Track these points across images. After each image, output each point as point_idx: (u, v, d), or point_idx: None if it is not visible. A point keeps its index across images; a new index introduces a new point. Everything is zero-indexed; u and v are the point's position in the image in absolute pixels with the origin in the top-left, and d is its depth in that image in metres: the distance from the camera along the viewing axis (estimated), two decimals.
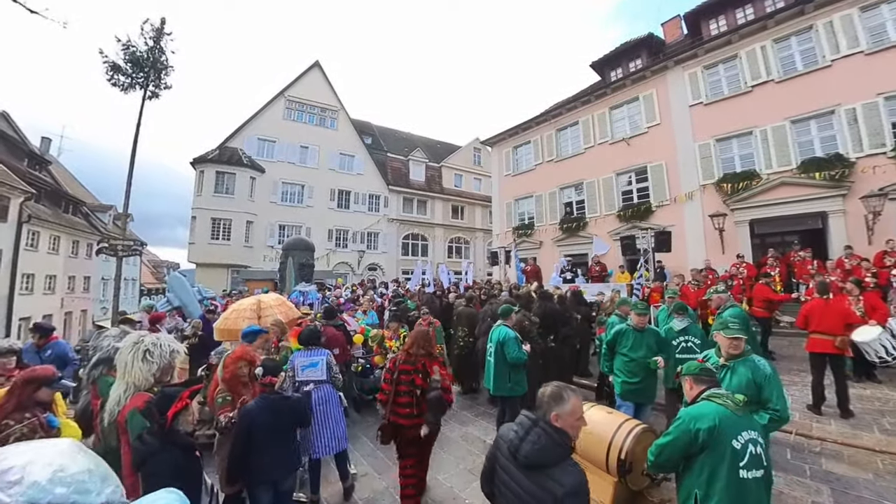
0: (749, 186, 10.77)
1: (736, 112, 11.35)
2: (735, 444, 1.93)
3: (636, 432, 2.58)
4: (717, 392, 2.18)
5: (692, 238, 11.85)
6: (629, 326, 4.12)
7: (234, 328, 4.92)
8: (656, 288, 9.11)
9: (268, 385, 2.64)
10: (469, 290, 9.91)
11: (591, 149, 15.20)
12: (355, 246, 22.61)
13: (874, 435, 4.05)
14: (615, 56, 15.37)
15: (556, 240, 16.10)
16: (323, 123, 22.77)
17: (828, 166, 9.49)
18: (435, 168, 27.28)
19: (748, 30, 11.21)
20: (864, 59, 9.41)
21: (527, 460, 1.59)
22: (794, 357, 6.59)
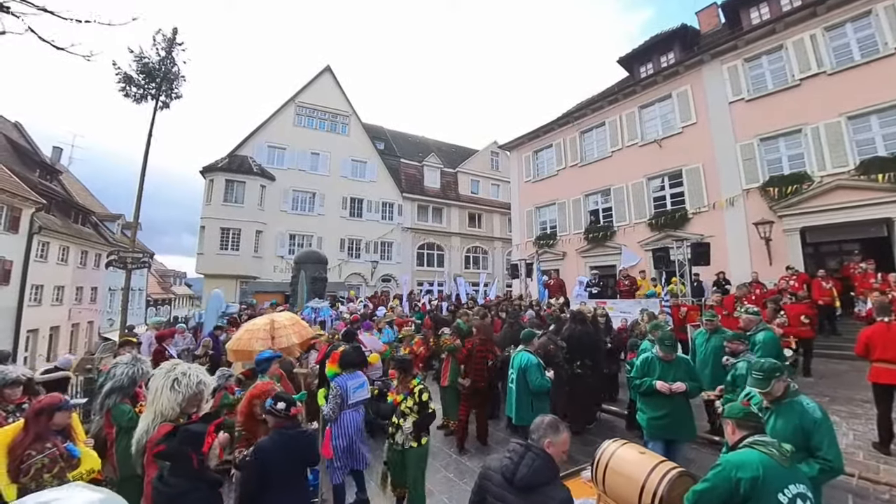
0: (799, 190, 10.43)
1: (783, 108, 11.05)
2: (781, 499, 1.89)
3: (671, 476, 2.52)
4: (761, 439, 2.13)
5: (735, 248, 11.54)
6: (656, 355, 4.05)
7: (246, 349, 5.10)
8: (693, 307, 8.91)
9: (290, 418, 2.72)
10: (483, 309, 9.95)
11: (618, 151, 15.07)
12: (368, 256, 22.93)
13: None
14: (645, 50, 15.24)
15: (581, 251, 15.93)
16: (334, 129, 23.36)
17: (893, 167, 9.10)
18: (450, 174, 27.48)
19: (795, 17, 10.95)
20: None
21: (522, 482, 1.85)
22: (857, 385, 6.29)
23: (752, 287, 9.36)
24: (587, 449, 4.94)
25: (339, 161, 22.97)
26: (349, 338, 5.63)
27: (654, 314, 7.56)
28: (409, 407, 3.57)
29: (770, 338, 4.64)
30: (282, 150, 21.55)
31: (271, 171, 20.56)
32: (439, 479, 4.57)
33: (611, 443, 3.09)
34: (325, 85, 23.28)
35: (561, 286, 13.22)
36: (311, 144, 22.29)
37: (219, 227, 18.82)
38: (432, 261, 25.63)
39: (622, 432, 5.44)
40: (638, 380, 4.07)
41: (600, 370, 5.87)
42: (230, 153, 20.21)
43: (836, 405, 5.91)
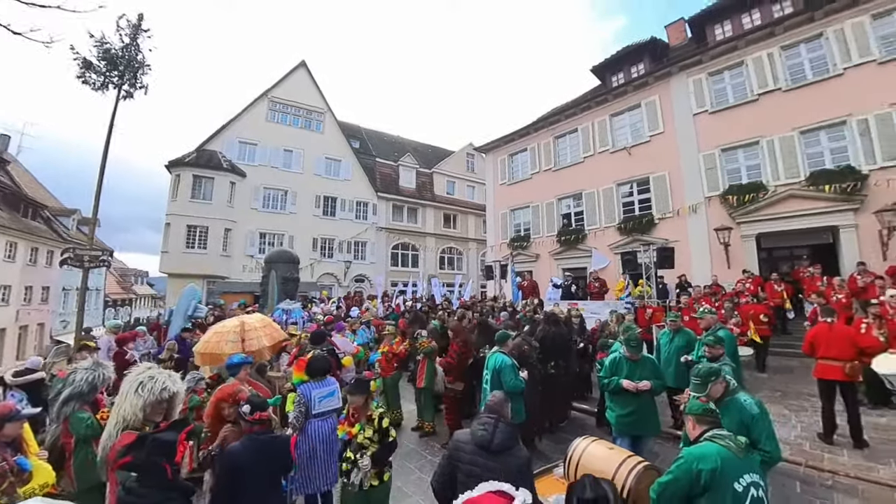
0: (756, 199, 11.08)
1: (742, 121, 11.72)
2: (737, 487, 2.04)
3: (638, 470, 2.66)
4: (719, 433, 2.29)
5: (697, 252, 12.12)
6: (623, 355, 4.23)
7: (215, 352, 4.94)
8: (658, 308, 9.32)
9: (258, 422, 2.66)
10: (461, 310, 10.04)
11: (590, 157, 15.52)
12: (342, 256, 22.58)
13: (891, 468, 4.14)
14: (617, 60, 15.77)
15: (554, 253, 16.30)
16: (308, 126, 22.89)
17: (839, 179, 9.82)
18: (426, 174, 27.49)
19: (755, 36, 11.64)
20: (877, 69, 9.82)
21: (498, 447, 2.31)
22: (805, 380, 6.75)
23: (713, 289, 9.90)
24: (559, 447, 5.09)
25: (313, 159, 22.52)
26: (318, 340, 5.51)
27: (623, 315, 7.88)
28: (368, 438, 2.95)
29: (728, 337, 4.94)
30: (253, 145, 20.91)
31: (242, 168, 19.92)
32: (413, 479, 4.58)
33: (582, 440, 3.22)
34: (299, 80, 22.79)
35: (534, 287, 13.47)
36: (283, 141, 21.75)
37: (185, 225, 18.06)
38: (407, 261, 25.53)
39: (592, 429, 5.62)
40: (606, 379, 4.24)
41: (573, 370, 6.04)
42: (198, 148, 19.44)
43: (787, 399, 6.34)
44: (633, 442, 3.97)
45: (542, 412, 5.46)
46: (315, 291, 17.96)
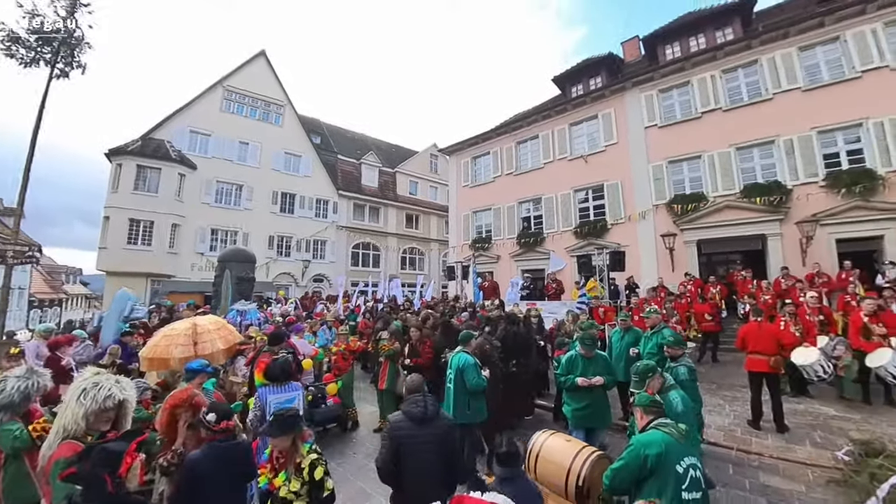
0: (697, 208, 12.04)
1: (687, 136, 12.69)
2: (678, 469, 2.29)
3: (592, 459, 2.86)
4: (663, 422, 2.55)
5: (645, 256, 12.94)
6: (578, 353, 4.48)
7: (164, 357, 4.68)
8: (610, 308, 9.88)
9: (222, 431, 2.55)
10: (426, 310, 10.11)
11: (550, 164, 16.12)
12: (300, 255, 21.88)
13: (806, 448, 4.72)
14: (576, 72, 16.51)
15: (514, 254, 16.75)
16: (266, 118, 21.99)
17: (767, 192, 10.92)
18: (389, 173, 27.29)
19: (700, 59, 12.67)
20: (801, 95, 11.03)
21: (431, 416, 2.81)
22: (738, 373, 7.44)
23: (659, 290, 10.63)
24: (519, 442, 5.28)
25: (271, 153, 21.66)
26: (277, 341, 5.36)
27: (578, 315, 8.27)
28: (294, 492, 2.42)
29: (672, 332, 5.35)
30: (206, 136, 19.77)
31: (192, 159, 18.76)
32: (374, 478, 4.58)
33: (540, 434, 3.40)
34: (258, 70, 21.84)
35: (495, 288, 13.79)
36: (239, 133, 20.74)
37: (127, 219, 16.73)
38: (368, 261, 25.20)
39: (550, 424, 5.86)
40: (563, 376, 4.48)
41: (534, 368, 6.27)
42: (144, 135, 18.09)
43: (722, 391, 6.96)
44: (588, 434, 4.22)
45: (503, 409, 5.63)
46: (271, 292, 17.31)
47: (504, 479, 2.32)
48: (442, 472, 2.74)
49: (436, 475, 2.71)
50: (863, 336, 6.03)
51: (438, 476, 2.72)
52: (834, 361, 6.01)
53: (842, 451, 4.28)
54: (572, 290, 12.38)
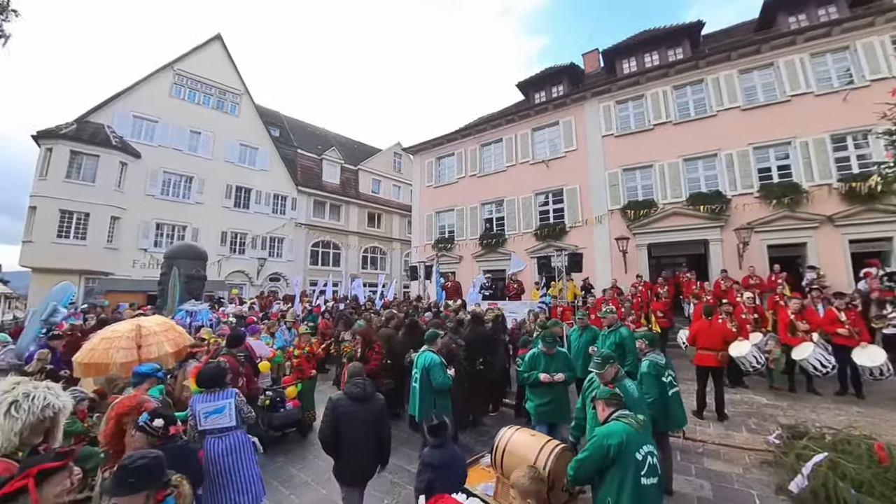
0: (648, 214, 12.79)
1: (640, 146, 13.46)
2: (638, 456, 2.44)
3: (556, 452, 2.95)
4: (623, 413, 2.69)
5: (600, 258, 13.56)
6: (540, 350, 4.64)
7: (102, 362, 4.34)
8: (568, 307, 10.27)
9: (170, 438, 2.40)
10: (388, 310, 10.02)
11: (512, 167, 16.50)
12: (255, 252, 20.92)
13: (742, 434, 5.19)
14: (539, 79, 17.01)
15: (476, 255, 16.98)
16: (221, 107, 20.85)
17: (710, 201, 11.83)
18: (351, 171, 26.77)
19: (653, 74, 13.50)
20: (741, 114, 12.07)
21: (368, 396, 3.36)
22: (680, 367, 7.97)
23: (613, 291, 11.17)
24: (481, 439, 5.39)
25: (225, 144, 20.55)
26: (235, 342, 5.12)
27: (538, 314, 8.53)
28: None
29: (628, 332, 5.65)
30: (152, 122, 18.41)
31: (136, 147, 17.42)
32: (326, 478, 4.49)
33: (506, 429, 3.46)
34: (213, 55, 20.65)
35: (458, 288, 13.89)
36: (190, 121, 19.52)
37: (57, 210, 15.21)
38: (327, 260, 24.56)
39: (512, 420, 6.02)
40: (526, 373, 4.62)
41: (500, 366, 6.40)
42: (80, 118, 16.56)
43: None
44: (550, 428, 4.37)
45: (468, 407, 5.70)
46: (222, 291, 16.44)
47: (434, 447, 2.84)
48: (374, 444, 3.33)
49: (369, 447, 3.30)
50: (790, 332, 6.71)
51: (371, 448, 3.32)
52: (766, 355, 6.62)
53: (772, 435, 4.76)
54: (532, 290, 12.75)
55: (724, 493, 3.96)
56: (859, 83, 10.67)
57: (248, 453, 3.31)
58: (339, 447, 3.25)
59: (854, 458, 3.75)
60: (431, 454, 2.80)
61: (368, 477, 3.39)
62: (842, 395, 6.40)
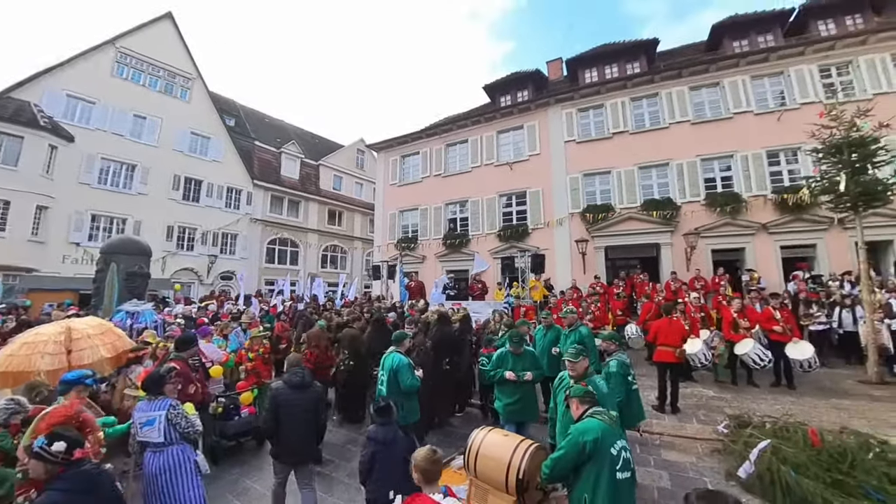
0: (606, 218, 13.37)
1: (600, 153, 14.06)
2: (612, 452, 2.49)
3: (531, 451, 2.96)
4: (598, 410, 2.73)
5: (561, 259, 13.98)
6: (508, 350, 4.65)
7: (24, 370, 3.85)
8: (531, 307, 10.48)
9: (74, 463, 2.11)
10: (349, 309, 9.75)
11: (477, 168, 16.65)
12: (205, 249, 19.65)
13: (694, 425, 5.50)
14: (506, 83, 17.30)
15: (439, 255, 16.95)
16: (170, 91, 19.37)
17: (662, 207, 12.58)
18: (311, 166, 25.88)
19: (612, 86, 14.17)
20: (690, 127, 12.95)
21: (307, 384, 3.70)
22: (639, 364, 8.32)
23: (573, 291, 11.54)
24: (447, 440, 5.34)
25: (174, 131, 19.13)
26: (185, 346, 4.70)
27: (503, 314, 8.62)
28: None
29: (587, 331, 5.79)
30: (89, 103, 16.75)
31: (69, 129, 15.80)
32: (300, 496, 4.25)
33: (479, 431, 3.42)
34: (162, 34, 19.12)
35: (421, 288, 13.78)
36: (134, 104, 17.97)
37: None
38: (285, 258, 23.57)
39: (479, 420, 6.03)
40: (493, 371, 4.62)
41: (465, 366, 6.37)
42: (1, 94, 14.78)
43: None
44: (518, 427, 4.38)
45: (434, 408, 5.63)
46: (167, 290, 15.29)
47: (380, 424, 3.14)
48: (311, 428, 3.65)
49: (308, 430, 3.62)
50: (732, 329, 7.24)
51: (310, 431, 3.64)
52: (712, 351, 7.08)
53: (721, 425, 5.08)
54: (495, 290, 12.90)
55: (680, 482, 4.16)
56: (791, 105, 11.77)
57: (187, 473, 3.04)
58: (279, 431, 3.52)
59: (792, 443, 4.09)
60: (376, 431, 3.10)
61: (306, 458, 3.67)
62: (776, 386, 6.98)
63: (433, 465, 2.32)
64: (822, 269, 10.73)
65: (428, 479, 2.30)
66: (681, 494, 3.87)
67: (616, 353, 4.42)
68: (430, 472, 2.31)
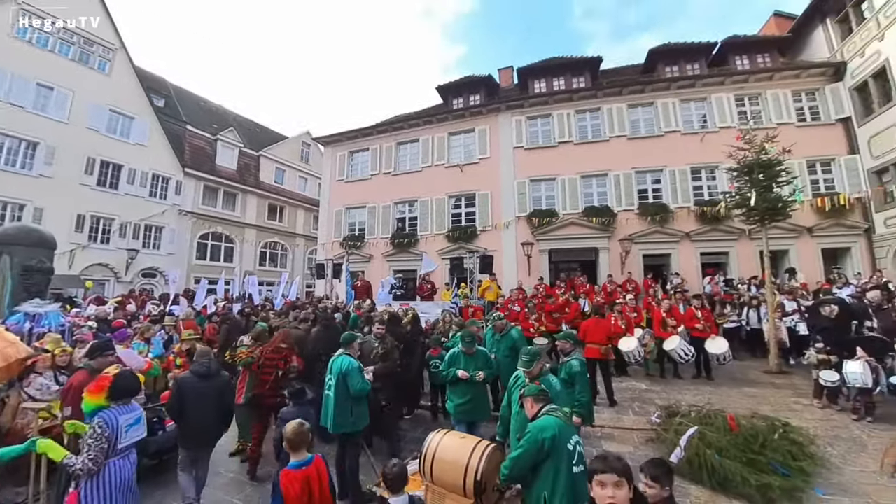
0: (550, 222, 13.99)
1: (546, 160, 14.68)
2: (569, 447, 2.54)
3: (488, 452, 2.94)
4: (553, 407, 2.79)
5: (507, 261, 14.37)
6: (460, 350, 4.63)
7: None
8: (479, 308, 10.61)
9: None
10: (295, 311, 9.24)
11: (428, 168, 16.62)
12: (124, 242, 17.55)
13: (630, 417, 5.89)
14: (459, 86, 17.46)
15: (387, 255, 16.68)
16: (86, 61, 17.00)
17: (601, 214, 13.43)
18: (251, 156, 24.19)
19: (559, 97, 14.91)
20: (627, 142, 13.97)
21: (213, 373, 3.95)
22: None
23: (518, 293, 11.86)
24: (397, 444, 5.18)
25: (89, 106, 16.80)
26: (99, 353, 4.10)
27: (452, 314, 8.63)
28: None
29: (518, 331, 5.81)
30: None
31: None
32: None
33: (435, 434, 3.34)
34: None
35: (368, 288, 13.43)
36: (39, 71, 15.50)
37: None
38: (218, 254, 21.76)
39: (428, 422, 5.95)
40: (445, 371, 4.57)
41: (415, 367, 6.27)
42: None
43: None
44: (470, 427, 4.37)
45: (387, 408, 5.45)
46: (76, 288, 13.49)
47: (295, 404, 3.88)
48: (220, 414, 3.92)
49: (216, 417, 3.89)
50: (661, 327, 7.91)
51: (218, 417, 3.91)
52: (644, 347, 7.64)
53: (654, 415, 5.46)
54: (442, 291, 12.93)
55: None
56: (712, 128, 13.16)
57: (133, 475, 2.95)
58: (187, 418, 3.74)
59: (714, 429, 4.50)
60: (290, 411, 3.66)
61: (213, 443, 3.95)
62: (697, 377, 7.72)
63: (299, 437, 2.66)
64: (733, 273, 12.08)
65: (294, 447, 2.66)
66: None
67: (574, 353, 4.50)
68: (296, 441, 2.65)
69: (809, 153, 12.12)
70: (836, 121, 12.60)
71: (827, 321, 6.68)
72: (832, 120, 12.64)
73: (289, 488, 2.46)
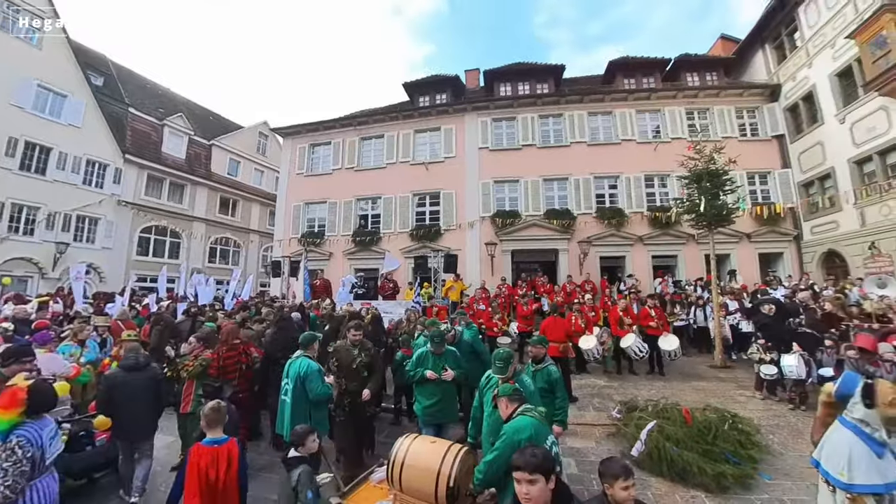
0: (513, 223, 14.17)
1: (510, 162, 14.87)
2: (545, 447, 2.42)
3: (461, 456, 2.79)
4: (528, 407, 2.70)
5: (471, 261, 14.38)
6: (428, 350, 4.47)
7: None
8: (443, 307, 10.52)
9: None
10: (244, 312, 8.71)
11: (392, 165, 16.30)
12: (51, 234, 15.76)
13: (591, 413, 6.01)
14: (426, 84, 17.26)
15: (348, 252, 16.18)
16: (10, 28, 14.98)
17: (561, 217, 13.79)
18: (203, 145, 22.59)
19: (524, 101, 15.19)
20: (587, 148, 14.46)
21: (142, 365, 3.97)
22: None
23: (482, 292, 11.87)
24: None
25: (13, 81, 14.87)
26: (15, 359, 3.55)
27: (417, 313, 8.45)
28: None
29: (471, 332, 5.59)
30: None
31: None
32: None
33: (403, 440, 3.12)
34: None
35: (327, 287, 12.94)
36: None
37: None
38: (162, 250, 20.07)
39: (390, 426, 5.75)
40: (412, 371, 4.40)
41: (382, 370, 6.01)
42: None
43: None
44: (438, 430, 4.21)
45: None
46: None
47: None
48: (150, 407, 3.93)
49: (148, 408, 3.91)
50: (618, 326, 8.20)
51: (150, 408, 3.93)
52: (602, 345, 7.86)
53: (614, 410, 5.59)
54: (405, 290, 12.70)
55: (585, 467, 4.44)
56: (665, 139, 13.92)
57: None
58: (119, 414, 3.73)
59: (671, 422, 4.66)
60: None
61: (148, 433, 3.94)
62: (651, 373, 8.07)
63: (216, 415, 2.88)
64: (681, 275, 12.81)
65: (210, 424, 2.87)
66: (588, 479, 4.15)
67: (547, 358, 4.32)
68: (212, 419, 2.87)
69: (749, 166, 13.12)
70: (772, 137, 13.79)
71: (766, 318, 7.21)
72: (769, 136, 13.82)
73: (195, 462, 2.69)
